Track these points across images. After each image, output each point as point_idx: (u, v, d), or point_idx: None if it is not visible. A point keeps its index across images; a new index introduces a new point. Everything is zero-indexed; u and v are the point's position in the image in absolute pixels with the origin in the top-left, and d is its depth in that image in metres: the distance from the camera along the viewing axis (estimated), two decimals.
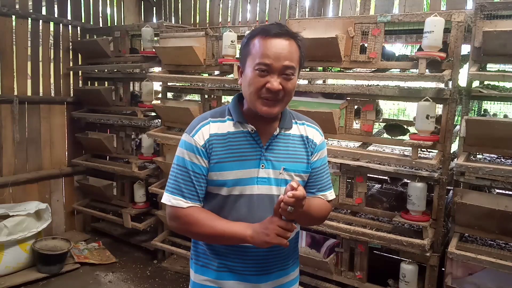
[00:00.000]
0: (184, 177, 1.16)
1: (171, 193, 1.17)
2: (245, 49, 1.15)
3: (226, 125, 1.19)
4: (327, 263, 2.35)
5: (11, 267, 2.98)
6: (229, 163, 1.16)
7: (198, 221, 1.14)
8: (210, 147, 1.16)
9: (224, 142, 1.17)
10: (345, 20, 2.30)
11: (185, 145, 1.18)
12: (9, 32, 3.31)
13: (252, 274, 1.21)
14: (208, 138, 1.16)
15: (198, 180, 1.16)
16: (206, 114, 1.23)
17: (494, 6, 1.97)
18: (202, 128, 1.17)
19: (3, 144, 3.33)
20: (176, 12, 4.23)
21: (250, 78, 1.12)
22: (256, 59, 1.10)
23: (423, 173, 2.12)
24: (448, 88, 2.07)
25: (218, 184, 1.16)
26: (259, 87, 1.11)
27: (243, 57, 1.16)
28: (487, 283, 2.01)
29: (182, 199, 1.15)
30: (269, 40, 1.10)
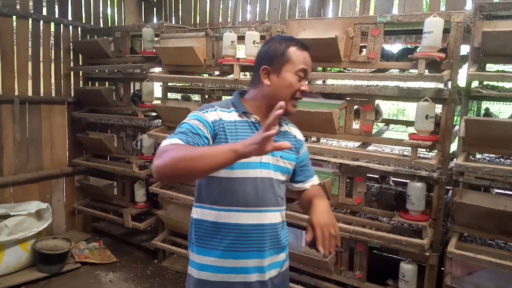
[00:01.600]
0: (186, 133, 1.20)
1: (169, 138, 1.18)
2: (283, 56, 1.29)
3: (232, 114, 1.31)
4: (327, 262, 2.36)
5: (12, 266, 2.99)
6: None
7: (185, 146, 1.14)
8: (218, 128, 1.26)
9: (234, 128, 1.28)
10: (345, 20, 2.31)
11: (194, 116, 1.26)
12: (10, 33, 3.32)
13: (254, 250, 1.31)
14: (217, 119, 1.27)
15: (199, 138, 1.20)
16: (213, 103, 1.34)
17: (493, 6, 1.98)
18: (212, 112, 1.29)
19: (4, 144, 3.34)
20: (177, 13, 4.24)
21: (290, 81, 1.29)
22: (298, 66, 1.29)
23: (422, 173, 2.13)
24: (447, 88, 2.08)
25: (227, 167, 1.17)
26: (296, 90, 1.30)
27: (279, 63, 1.30)
28: (486, 283, 2.01)
29: (177, 139, 1.16)
30: (304, 52, 1.32)
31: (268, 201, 1.32)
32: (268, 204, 1.32)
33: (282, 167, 1.36)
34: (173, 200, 3.09)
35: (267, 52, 1.32)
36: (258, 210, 1.31)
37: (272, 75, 1.30)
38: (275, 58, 1.30)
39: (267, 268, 1.33)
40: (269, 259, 1.34)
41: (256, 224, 1.30)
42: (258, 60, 1.35)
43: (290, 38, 1.37)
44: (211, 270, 1.31)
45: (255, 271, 1.32)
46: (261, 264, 1.32)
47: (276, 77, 1.30)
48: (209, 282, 1.31)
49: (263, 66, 1.31)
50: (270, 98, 1.30)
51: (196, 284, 1.33)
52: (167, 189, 3.12)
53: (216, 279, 1.30)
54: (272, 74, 1.30)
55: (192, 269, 1.35)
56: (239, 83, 2.59)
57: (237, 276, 1.30)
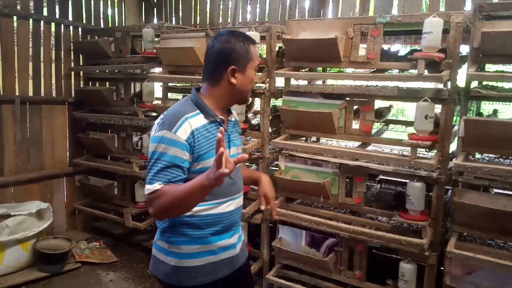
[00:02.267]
0: (164, 169, 1.30)
1: (149, 182, 1.31)
2: (247, 55, 1.41)
3: (199, 118, 1.38)
4: (327, 262, 2.37)
5: (13, 266, 3.00)
6: (210, 152, 1.36)
7: (166, 192, 1.27)
8: (193, 141, 1.34)
9: (205, 131, 1.38)
10: (345, 21, 2.31)
11: (167, 141, 1.31)
12: (10, 33, 3.32)
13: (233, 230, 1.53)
14: (190, 132, 1.34)
15: (178, 170, 1.32)
16: (179, 110, 1.39)
17: (493, 7, 1.98)
18: (183, 125, 1.33)
19: (4, 144, 3.34)
20: (177, 13, 4.25)
21: (252, 77, 1.45)
22: (256, 62, 1.45)
23: (422, 173, 2.13)
24: (446, 88, 2.08)
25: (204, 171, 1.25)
26: (255, 82, 1.51)
27: (244, 62, 1.41)
28: (485, 282, 2.02)
29: (157, 183, 1.29)
30: (256, 47, 1.48)
31: (240, 187, 1.55)
32: (240, 189, 1.55)
33: (240, 154, 1.55)
34: None
35: (234, 52, 1.39)
36: (236, 197, 1.51)
37: (238, 73, 1.40)
38: (241, 57, 1.40)
39: (238, 241, 1.57)
40: (233, 237, 1.54)
41: (235, 208, 1.51)
42: (222, 59, 1.39)
43: (243, 34, 1.47)
44: (197, 257, 1.44)
45: (234, 247, 1.54)
46: (236, 240, 1.55)
47: (241, 76, 1.41)
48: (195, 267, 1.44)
49: (230, 66, 1.38)
50: (235, 95, 1.44)
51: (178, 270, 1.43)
52: None
53: (202, 263, 1.44)
54: (238, 73, 1.40)
55: (172, 259, 1.44)
56: None
57: (221, 255, 1.48)
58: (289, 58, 2.50)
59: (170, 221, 1.44)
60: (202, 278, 1.46)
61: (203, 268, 1.45)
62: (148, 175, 1.32)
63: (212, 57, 1.42)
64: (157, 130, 1.36)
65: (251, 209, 2.59)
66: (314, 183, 2.37)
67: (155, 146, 1.33)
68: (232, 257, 1.53)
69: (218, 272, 1.49)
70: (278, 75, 2.50)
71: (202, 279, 1.45)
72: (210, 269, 1.46)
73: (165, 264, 1.46)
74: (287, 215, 2.45)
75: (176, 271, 1.44)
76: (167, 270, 1.45)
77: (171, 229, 1.45)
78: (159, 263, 1.48)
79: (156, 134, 1.35)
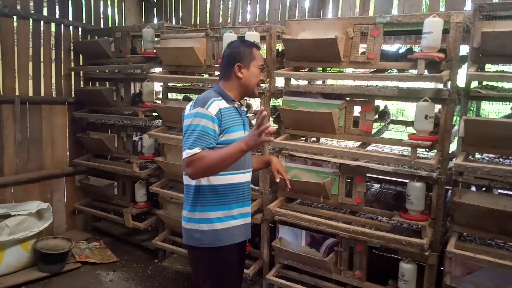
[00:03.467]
0: (201, 137, 1.60)
1: (189, 148, 1.59)
2: (250, 55, 1.77)
3: (222, 102, 1.73)
4: (327, 262, 2.37)
5: (13, 266, 3.00)
6: (233, 127, 1.72)
7: (207, 155, 1.57)
8: (221, 117, 1.68)
9: (228, 112, 1.72)
10: (345, 21, 2.31)
11: (201, 115, 1.64)
12: (10, 33, 3.33)
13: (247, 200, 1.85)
14: (218, 110, 1.67)
15: (210, 138, 1.62)
16: (207, 95, 1.72)
17: (493, 7, 1.98)
18: (213, 104, 1.67)
19: (4, 144, 3.35)
20: (177, 13, 4.25)
21: (256, 74, 1.80)
22: (260, 62, 1.81)
23: (422, 173, 2.13)
24: (446, 88, 2.08)
25: (231, 142, 1.64)
26: (260, 79, 1.82)
27: (248, 60, 1.77)
28: (485, 282, 2.02)
29: (196, 148, 1.58)
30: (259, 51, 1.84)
31: (251, 163, 1.87)
32: (251, 165, 1.87)
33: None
34: (173, 200, 3.10)
35: (239, 53, 1.76)
36: (248, 171, 1.84)
37: (243, 69, 1.76)
38: (245, 57, 1.76)
39: (248, 213, 1.87)
40: (249, 207, 1.88)
41: (247, 181, 1.84)
42: (230, 59, 1.76)
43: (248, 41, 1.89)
44: (222, 220, 1.73)
45: (249, 215, 1.87)
46: (248, 210, 1.86)
47: (246, 71, 1.77)
48: (221, 229, 1.73)
49: (237, 63, 1.75)
50: (243, 86, 1.79)
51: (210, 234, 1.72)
52: (167, 189, 3.13)
53: (227, 226, 1.74)
54: (243, 69, 1.76)
55: (204, 225, 1.72)
56: None
57: (240, 220, 1.80)
58: (289, 58, 2.50)
59: (198, 191, 1.72)
60: (225, 239, 1.74)
61: (228, 231, 1.74)
62: (186, 143, 1.61)
63: (224, 59, 1.81)
64: (192, 109, 1.68)
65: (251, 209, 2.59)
66: (314, 183, 2.37)
67: (191, 120, 1.64)
68: (247, 223, 1.85)
69: (239, 235, 1.79)
70: (278, 75, 2.50)
71: (225, 240, 1.73)
72: (232, 232, 1.76)
73: (198, 231, 1.72)
74: (287, 215, 2.45)
75: (207, 235, 1.71)
76: (200, 236, 1.72)
77: (200, 199, 1.73)
78: (192, 231, 1.74)
79: (191, 112, 1.67)
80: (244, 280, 2.90)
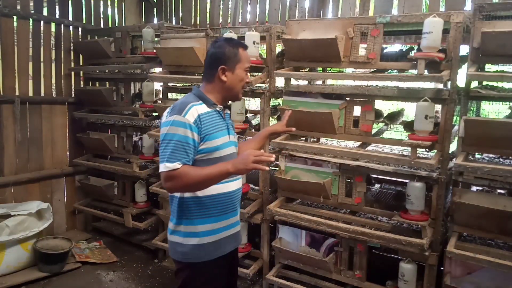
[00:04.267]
0: (178, 148, 1.50)
1: (167, 161, 1.49)
2: (235, 57, 1.64)
3: (202, 107, 1.61)
4: (327, 262, 2.37)
5: (13, 266, 3.00)
6: (215, 133, 1.61)
7: (189, 173, 1.49)
8: (200, 123, 1.56)
9: (208, 117, 1.61)
10: (345, 21, 2.31)
11: (177, 123, 1.53)
12: (10, 33, 3.32)
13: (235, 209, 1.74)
14: (197, 116, 1.56)
15: (190, 148, 1.52)
16: (185, 101, 1.61)
17: (493, 7, 1.98)
18: (191, 110, 1.56)
19: (4, 144, 3.34)
20: (177, 13, 4.25)
21: (241, 76, 1.67)
22: (246, 64, 1.68)
23: (422, 173, 2.13)
24: (446, 88, 2.08)
25: (213, 150, 1.59)
26: (245, 82, 1.70)
27: (233, 63, 1.64)
28: (485, 282, 2.02)
29: (177, 162, 1.49)
30: (246, 51, 1.70)
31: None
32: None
33: (236, 143, 1.80)
34: None
35: (224, 54, 1.63)
36: (236, 178, 1.72)
37: (228, 72, 1.63)
38: (230, 59, 1.63)
39: (238, 221, 1.78)
40: (238, 215, 1.77)
41: (237, 188, 1.73)
42: (214, 61, 1.64)
43: (236, 40, 1.73)
44: (211, 234, 1.63)
45: (238, 223, 1.77)
46: (237, 219, 1.76)
47: (231, 74, 1.64)
48: (209, 243, 1.63)
49: (221, 66, 1.62)
50: (226, 90, 1.66)
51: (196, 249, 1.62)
52: None
53: (215, 239, 1.65)
54: (228, 72, 1.63)
55: (190, 239, 1.62)
56: None
57: (230, 231, 1.70)
58: (289, 58, 2.50)
59: (181, 204, 1.62)
60: (215, 252, 1.65)
61: (216, 244, 1.65)
62: (164, 154, 1.51)
63: (208, 59, 1.68)
64: (168, 116, 1.58)
65: (251, 209, 2.59)
66: (314, 183, 2.37)
67: (168, 129, 1.53)
68: (237, 233, 1.77)
69: (228, 246, 1.71)
70: (278, 75, 2.50)
71: (216, 253, 1.65)
72: (223, 243, 1.67)
73: (182, 245, 1.62)
74: (287, 215, 2.45)
75: (194, 250, 1.61)
76: (186, 250, 1.62)
77: (185, 212, 1.62)
78: (177, 245, 1.65)
79: (167, 119, 1.56)
80: (244, 280, 2.91)
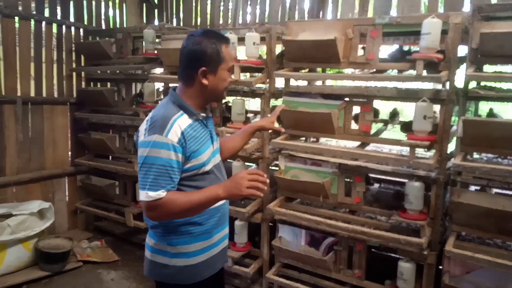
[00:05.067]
0: (162, 174, 1.32)
1: (149, 189, 1.31)
2: (218, 56, 1.40)
3: (184, 118, 1.40)
4: (326, 261, 2.38)
5: (14, 265, 3.01)
6: (201, 148, 1.42)
7: (175, 201, 1.32)
8: (184, 141, 1.36)
9: (192, 131, 1.40)
10: (344, 22, 2.33)
11: (159, 145, 1.32)
12: (12, 34, 3.34)
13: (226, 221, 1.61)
14: (180, 133, 1.35)
15: (174, 172, 1.34)
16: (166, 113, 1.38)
17: (491, 7, 2.00)
18: (173, 127, 1.35)
19: (6, 144, 3.36)
20: (178, 14, 4.26)
21: (224, 77, 1.45)
22: (230, 63, 1.45)
23: (420, 172, 2.15)
24: (445, 89, 2.09)
25: (200, 166, 1.42)
26: (229, 82, 1.49)
27: (216, 63, 1.41)
28: (484, 282, 2.03)
29: (161, 190, 1.31)
30: (230, 47, 1.46)
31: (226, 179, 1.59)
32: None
33: (219, 148, 1.63)
34: None
35: (204, 54, 1.38)
36: None
37: (209, 75, 1.41)
38: (212, 59, 1.40)
39: (227, 234, 1.64)
40: (227, 228, 1.64)
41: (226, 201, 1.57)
42: (192, 61, 1.40)
43: (217, 34, 1.44)
44: (201, 252, 1.49)
45: (225, 239, 1.62)
46: (226, 232, 1.62)
47: (213, 77, 1.42)
48: (201, 263, 1.49)
49: (201, 67, 1.39)
50: (208, 94, 1.45)
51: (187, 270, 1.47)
52: None
53: (206, 257, 1.50)
54: (209, 74, 1.41)
55: (179, 260, 1.46)
56: (240, 84, 2.61)
57: (220, 246, 1.57)
58: (289, 59, 2.52)
59: (170, 224, 1.44)
60: (206, 272, 1.52)
61: (207, 262, 1.51)
62: (145, 180, 1.31)
63: (184, 58, 1.43)
64: (147, 135, 1.34)
65: (251, 208, 2.61)
66: (313, 183, 2.38)
67: (148, 151, 1.32)
68: (226, 247, 1.65)
69: (217, 263, 1.59)
70: (278, 75, 2.52)
71: (206, 273, 1.52)
72: (213, 262, 1.54)
73: (170, 267, 1.46)
74: (287, 215, 2.46)
75: (184, 271, 1.46)
76: (174, 272, 1.46)
77: (174, 232, 1.45)
78: (160, 266, 1.48)
79: (146, 139, 1.34)
80: (244, 279, 2.92)
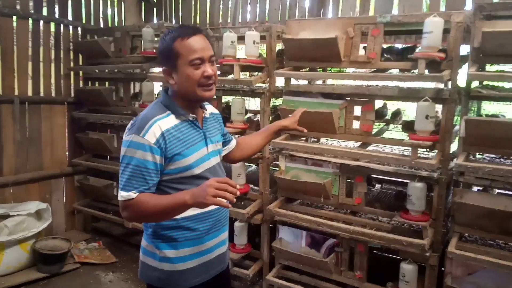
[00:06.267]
0: (136, 175, 1.29)
1: (122, 189, 1.30)
2: (171, 53, 1.33)
3: (169, 119, 1.35)
4: (327, 262, 2.36)
5: (12, 267, 2.99)
6: (187, 150, 1.35)
7: (145, 203, 1.28)
8: (165, 143, 1.31)
9: (175, 135, 1.34)
10: (345, 20, 2.31)
11: (135, 145, 1.30)
12: (10, 32, 3.31)
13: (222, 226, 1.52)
14: (160, 134, 1.30)
15: (149, 174, 1.31)
16: (148, 114, 1.35)
17: (493, 6, 1.98)
18: (152, 128, 1.30)
19: (3, 144, 3.33)
20: (177, 13, 4.24)
21: (187, 74, 1.32)
22: (189, 57, 1.31)
23: (422, 173, 2.13)
24: (447, 88, 2.08)
25: (185, 169, 1.35)
26: (198, 78, 1.33)
27: (171, 61, 1.33)
28: (486, 283, 2.01)
29: (132, 191, 1.29)
30: (190, 39, 1.32)
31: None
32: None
33: (219, 150, 1.55)
34: None
35: (160, 53, 1.37)
36: None
37: (173, 73, 1.36)
38: (167, 57, 1.34)
39: (225, 240, 1.56)
40: (225, 233, 1.56)
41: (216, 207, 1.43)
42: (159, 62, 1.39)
43: (173, 30, 1.37)
44: (191, 259, 1.42)
45: (225, 243, 1.56)
46: (221, 239, 1.53)
47: (176, 75, 1.35)
48: (189, 269, 1.42)
49: (163, 67, 1.37)
50: (182, 94, 1.38)
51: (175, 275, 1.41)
52: None
53: (195, 264, 1.43)
54: (173, 72, 1.36)
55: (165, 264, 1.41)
56: (239, 83, 2.59)
57: (215, 252, 1.49)
58: (289, 58, 2.49)
59: (158, 227, 1.41)
60: (197, 278, 1.45)
61: (197, 268, 1.45)
62: (121, 180, 1.31)
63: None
64: (127, 134, 1.34)
65: (251, 209, 2.58)
66: (314, 183, 2.36)
67: (125, 150, 1.32)
68: (224, 253, 1.56)
69: (211, 270, 1.50)
70: (278, 75, 2.50)
71: (196, 280, 1.45)
72: (204, 269, 1.47)
73: (158, 270, 1.43)
74: (287, 216, 2.44)
75: (170, 276, 1.42)
76: (161, 276, 1.42)
77: (161, 234, 1.42)
78: (151, 269, 1.45)
79: (125, 138, 1.34)
80: (243, 281, 2.90)
